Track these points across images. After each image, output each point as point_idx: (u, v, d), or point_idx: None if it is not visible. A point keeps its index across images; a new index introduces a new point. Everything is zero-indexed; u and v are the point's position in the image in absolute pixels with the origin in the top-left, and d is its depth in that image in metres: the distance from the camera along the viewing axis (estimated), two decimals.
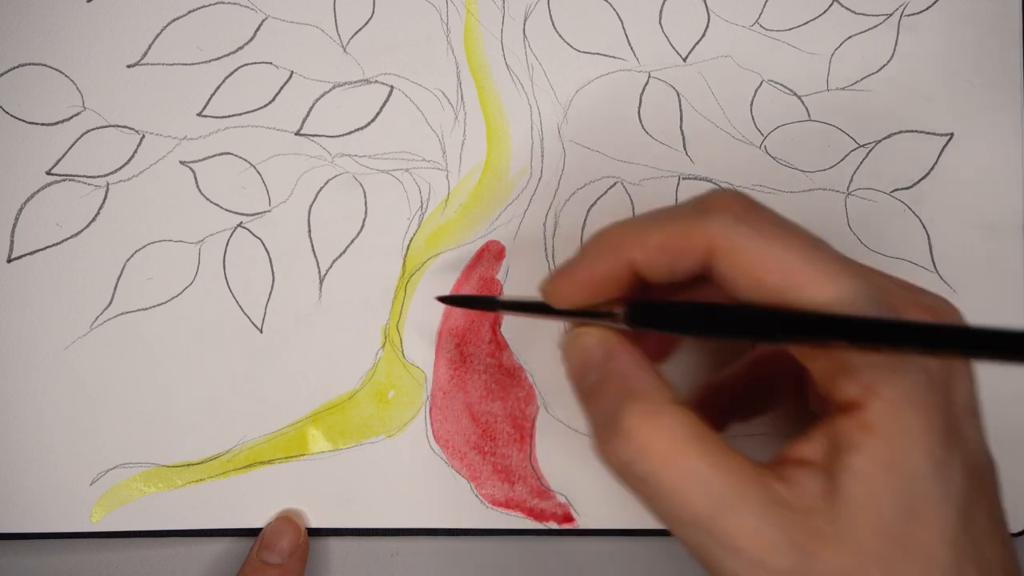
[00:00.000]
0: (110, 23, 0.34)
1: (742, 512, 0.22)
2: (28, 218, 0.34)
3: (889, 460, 0.22)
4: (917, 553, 0.22)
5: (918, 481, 0.22)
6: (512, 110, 0.35)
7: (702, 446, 0.22)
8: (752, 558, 0.22)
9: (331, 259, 0.34)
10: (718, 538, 0.22)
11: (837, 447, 0.22)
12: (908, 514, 0.22)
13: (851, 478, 0.22)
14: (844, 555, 0.22)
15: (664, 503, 0.23)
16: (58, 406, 0.34)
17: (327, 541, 0.35)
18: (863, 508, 0.22)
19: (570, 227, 0.35)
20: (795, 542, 0.22)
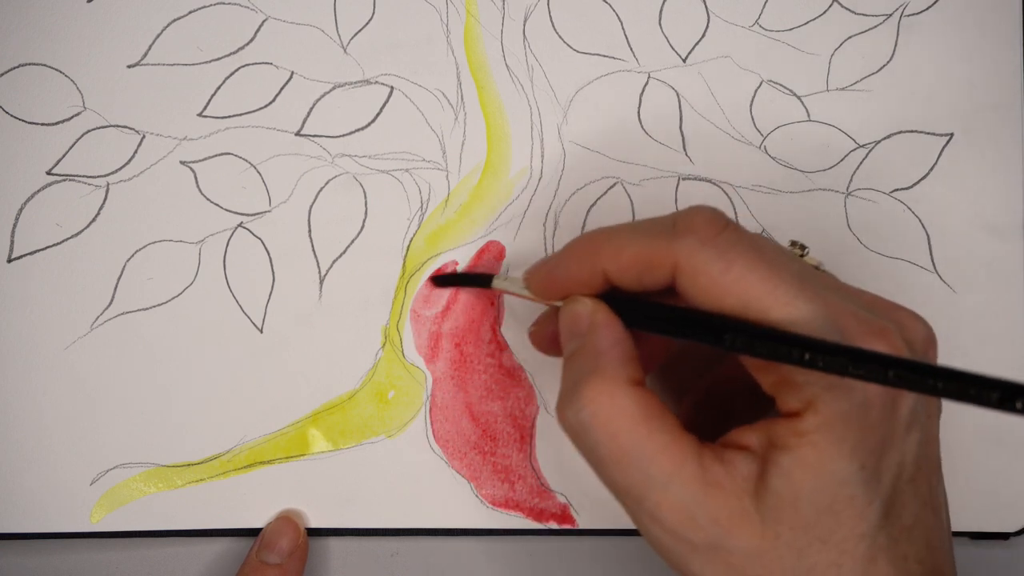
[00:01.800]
0: (110, 23, 0.34)
1: (671, 489, 0.24)
2: (28, 218, 0.34)
3: (815, 465, 0.23)
4: (832, 544, 0.24)
5: (842, 487, 0.23)
6: (512, 110, 0.35)
7: (648, 426, 0.24)
8: (672, 528, 0.24)
9: (331, 259, 0.34)
10: (645, 507, 0.24)
11: (772, 444, 0.24)
12: (827, 513, 0.24)
13: (778, 473, 0.24)
14: (760, 538, 0.24)
15: (604, 472, 0.25)
16: (58, 406, 0.34)
17: (327, 541, 0.35)
18: (784, 501, 0.24)
19: (570, 227, 0.35)
20: (716, 519, 0.24)
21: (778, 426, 0.24)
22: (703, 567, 0.24)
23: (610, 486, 0.25)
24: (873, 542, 0.24)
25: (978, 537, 0.35)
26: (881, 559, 0.24)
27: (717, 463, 0.24)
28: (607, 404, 0.25)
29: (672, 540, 0.24)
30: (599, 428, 0.25)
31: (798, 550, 0.24)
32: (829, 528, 0.24)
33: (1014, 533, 0.35)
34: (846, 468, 0.23)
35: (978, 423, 0.34)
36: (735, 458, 0.24)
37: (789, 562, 0.24)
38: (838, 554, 0.24)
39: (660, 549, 0.25)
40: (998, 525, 0.34)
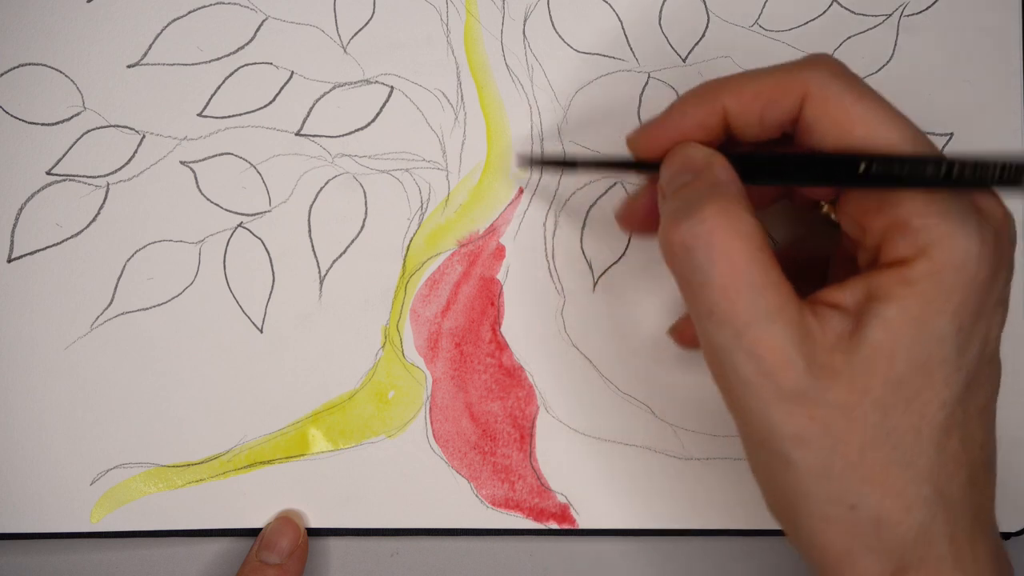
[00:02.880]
0: (110, 23, 0.34)
1: (774, 326, 0.23)
2: (28, 218, 0.34)
3: (919, 316, 0.23)
4: (915, 407, 0.23)
5: (939, 345, 0.23)
6: (512, 110, 0.35)
7: (762, 258, 0.24)
8: (767, 369, 0.23)
9: (331, 259, 0.34)
10: (744, 342, 0.23)
11: (871, 297, 0.24)
12: (920, 371, 0.23)
13: (878, 325, 0.23)
14: (848, 392, 0.23)
15: (708, 294, 0.24)
16: (58, 406, 0.34)
17: (327, 541, 0.35)
18: (880, 354, 0.23)
19: (570, 227, 0.35)
20: (810, 367, 0.23)
21: (881, 276, 0.24)
22: (784, 418, 0.24)
23: (705, 314, 0.24)
24: (951, 413, 0.24)
25: None
26: (954, 434, 0.24)
27: (812, 316, 0.24)
28: (726, 225, 0.24)
29: (762, 382, 0.23)
30: (716, 247, 0.24)
31: (884, 409, 0.23)
32: (917, 389, 0.23)
33: (1014, 533, 0.35)
34: (947, 326, 0.23)
35: None
36: (827, 314, 0.24)
37: (872, 420, 0.23)
38: (919, 419, 0.23)
39: (743, 392, 0.24)
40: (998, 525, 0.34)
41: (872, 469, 0.23)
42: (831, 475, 0.24)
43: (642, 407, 0.35)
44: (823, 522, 0.24)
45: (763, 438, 0.24)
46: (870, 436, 0.23)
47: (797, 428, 0.23)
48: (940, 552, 0.24)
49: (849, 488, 0.24)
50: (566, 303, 0.35)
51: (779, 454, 0.24)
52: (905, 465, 0.24)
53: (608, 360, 0.35)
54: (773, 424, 0.24)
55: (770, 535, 0.35)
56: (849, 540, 0.24)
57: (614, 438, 0.34)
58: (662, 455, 0.34)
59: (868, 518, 0.24)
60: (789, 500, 0.25)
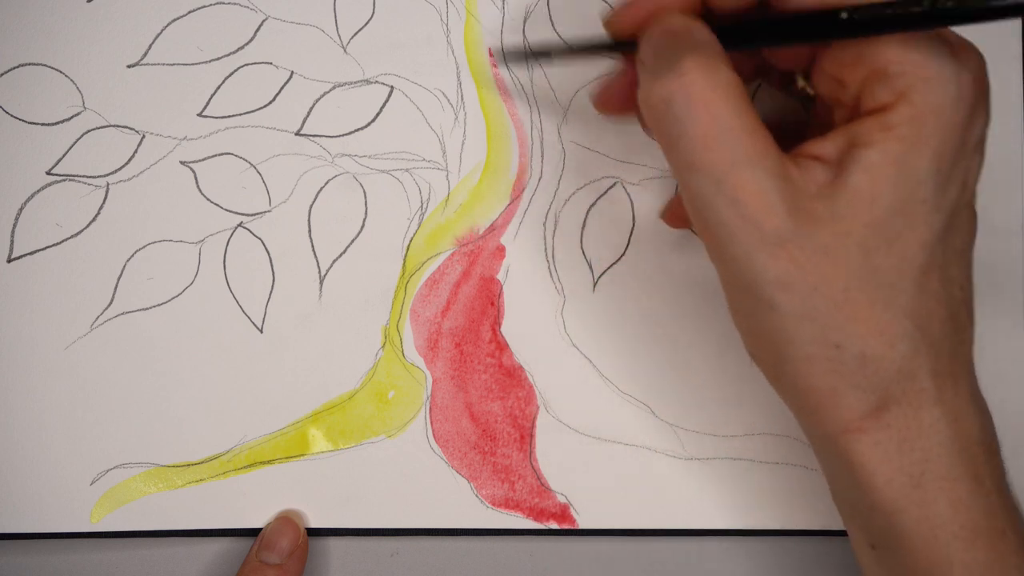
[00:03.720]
0: (110, 23, 0.34)
1: (755, 171, 0.24)
2: (28, 218, 0.34)
3: (899, 159, 0.24)
4: (896, 248, 0.24)
5: (919, 186, 0.24)
6: (512, 110, 0.35)
7: (740, 106, 0.24)
8: (749, 214, 0.24)
9: (331, 259, 0.34)
10: (725, 188, 0.24)
11: (853, 144, 0.24)
12: (901, 213, 0.24)
13: (859, 170, 0.24)
14: (830, 236, 0.24)
15: (687, 144, 0.24)
16: (58, 406, 0.34)
17: (327, 541, 0.35)
18: (862, 198, 0.24)
19: (570, 227, 0.35)
20: (791, 212, 0.24)
21: (862, 124, 0.24)
22: (767, 261, 0.24)
23: (686, 165, 0.24)
24: (931, 254, 0.24)
25: None
26: (934, 274, 0.24)
27: (793, 165, 0.24)
28: (704, 76, 0.24)
29: (744, 227, 0.24)
30: (694, 98, 0.24)
31: (866, 251, 0.24)
32: (898, 230, 0.24)
33: None
34: (926, 168, 0.24)
35: None
36: (809, 165, 0.24)
37: (855, 262, 0.24)
38: (900, 259, 0.24)
39: (726, 239, 0.24)
40: None
41: (856, 308, 0.24)
42: (815, 316, 0.24)
43: (642, 407, 0.35)
44: (808, 363, 0.25)
45: (746, 284, 0.25)
46: (853, 277, 0.24)
47: (780, 272, 0.24)
48: (922, 386, 0.25)
49: (833, 328, 0.24)
50: (566, 303, 0.35)
51: (763, 299, 0.24)
52: (887, 303, 0.24)
53: (608, 360, 0.35)
54: (756, 269, 0.24)
55: (770, 535, 0.35)
56: (834, 379, 0.24)
57: (614, 438, 0.35)
58: (662, 455, 0.34)
59: (852, 356, 0.24)
60: (773, 344, 0.25)
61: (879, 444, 0.25)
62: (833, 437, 0.25)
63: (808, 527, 0.34)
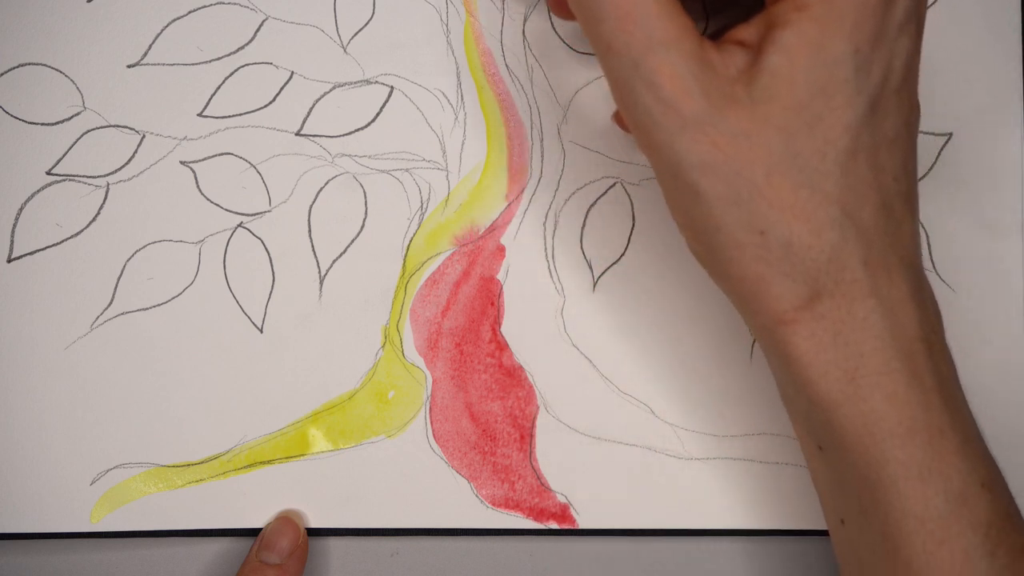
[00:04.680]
0: (110, 23, 0.34)
1: (671, 55, 0.23)
2: (28, 218, 0.34)
3: (814, 39, 0.23)
4: (818, 131, 0.24)
5: (837, 67, 0.23)
6: (512, 110, 0.35)
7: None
8: (666, 96, 0.23)
9: (331, 259, 0.34)
10: (642, 71, 0.24)
11: (770, 26, 0.24)
12: (820, 94, 0.24)
13: (775, 51, 0.24)
14: (750, 120, 0.24)
15: (605, 28, 0.24)
16: (58, 406, 0.34)
17: (327, 541, 0.35)
18: (779, 79, 0.23)
19: (570, 227, 0.35)
20: (709, 95, 0.23)
21: (778, 6, 0.24)
22: (689, 146, 0.24)
23: (606, 48, 0.24)
24: (856, 137, 0.24)
25: None
26: (861, 158, 0.24)
27: (713, 50, 0.24)
28: None
29: (662, 111, 0.24)
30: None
31: (787, 134, 0.24)
32: (818, 113, 0.24)
33: None
34: (843, 47, 0.23)
35: (977, 423, 0.34)
36: (731, 49, 0.24)
37: (776, 145, 0.24)
38: (823, 143, 0.24)
39: (647, 124, 0.24)
40: None
41: (779, 193, 0.24)
42: (739, 201, 0.24)
43: (642, 407, 0.35)
44: (736, 249, 0.24)
45: (672, 170, 0.24)
46: (775, 161, 0.24)
47: (701, 156, 0.24)
48: (855, 276, 0.24)
49: (757, 213, 0.24)
50: (566, 303, 0.35)
51: (688, 184, 0.24)
52: (812, 188, 0.24)
53: (608, 360, 0.35)
54: (679, 153, 0.24)
55: (770, 535, 0.35)
56: (762, 266, 0.24)
57: (614, 438, 0.35)
58: (662, 455, 0.35)
59: (778, 242, 0.24)
60: (703, 231, 0.25)
61: (813, 336, 0.24)
62: (769, 329, 0.25)
63: (808, 527, 0.34)
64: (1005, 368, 0.35)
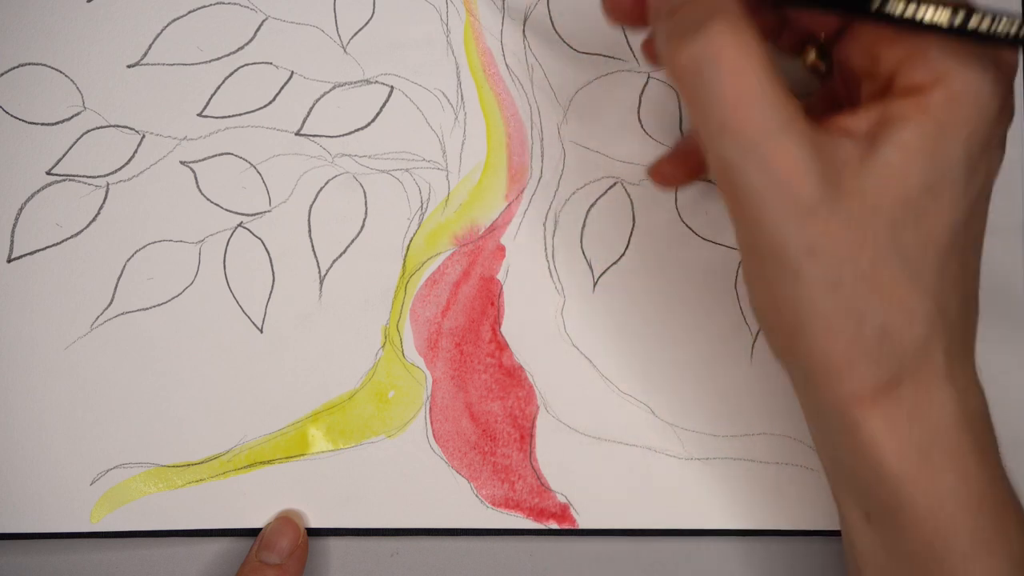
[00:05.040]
0: (110, 23, 0.34)
1: (789, 138, 0.23)
2: (28, 218, 0.34)
3: (933, 139, 0.24)
4: (924, 226, 0.24)
5: (950, 168, 0.24)
6: (512, 110, 0.35)
7: (772, 74, 0.24)
8: (781, 180, 0.23)
9: (331, 259, 0.34)
10: (757, 154, 0.23)
11: (886, 121, 0.24)
12: (930, 192, 0.24)
13: (892, 146, 0.24)
14: (861, 208, 0.24)
15: (719, 111, 0.24)
16: (58, 406, 0.34)
17: (327, 541, 0.35)
18: (893, 173, 0.24)
19: (570, 227, 0.35)
20: (823, 181, 0.24)
21: (897, 103, 0.24)
22: (798, 229, 0.24)
23: (717, 131, 0.24)
24: (955, 237, 0.25)
25: None
26: (955, 258, 0.25)
27: (825, 135, 0.24)
28: (734, 41, 0.23)
29: (776, 194, 0.24)
30: (724, 63, 0.23)
31: (894, 226, 0.24)
32: (925, 209, 0.24)
33: None
34: (958, 151, 0.24)
35: None
36: (839, 139, 0.24)
37: (883, 236, 0.24)
38: (926, 237, 0.24)
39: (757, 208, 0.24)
40: None
41: (881, 282, 0.24)
42: (841, 287, 0.24)
43: (642, 407, 0.35)
44: (828, 332, 0.25)
45: (773, 251, 0.24)
46: (881, 250, 0.24)
47: (810, 240, 0.24)
48: (936, 364, 0.25)
49: (858, 299, 0.24)
50: (566, 303, 0.35)
51: (789, 266, 0.24)
52: (912, 280, 0.24)
53: (608, 360, 0.35)
54: (786, 236, 0.24)
55: (770, 535, 0.35)
56: (852, 349, 0.25)
57: (614, 438, 0.35)
58: (662, 455, 0.35)
59: (874, 328, 0.24)
60: (793, 313, 0.25)
61: (887, 417, 0.25)
62: (841, 408, 0.25)
63: (808, 527, 0.34)
64: (1005, 368, 0.35)
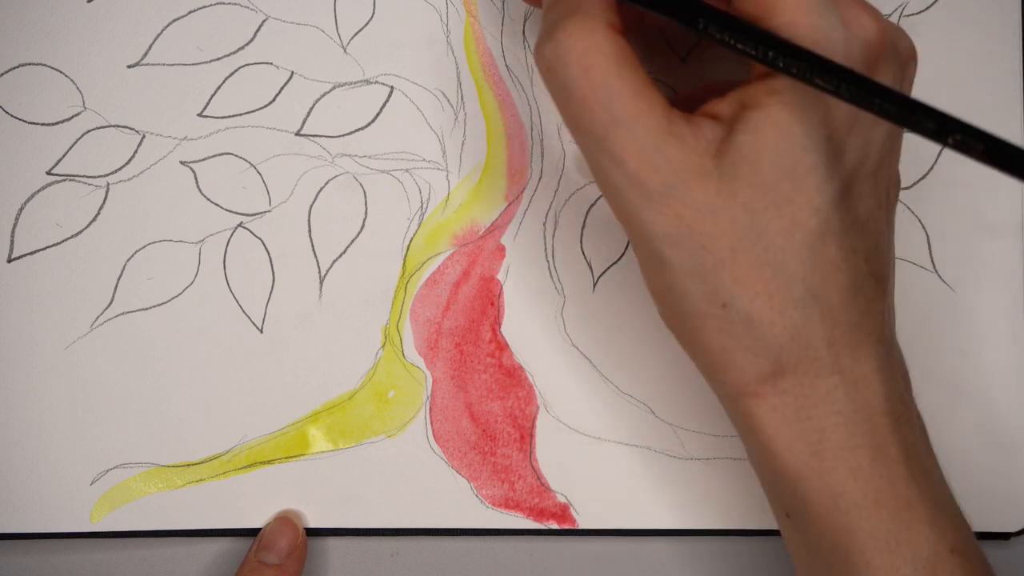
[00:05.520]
0: (110, 23, 0.34)
1: (633, 131, 0.24)
2: (28, 218, 0.34)
3: (782, 124, 0.24)
4: (786, 212, 0.24)
5: (806, 152, 0.24)
6: (512, 110, 0.35)
7: (621, 69, 0.24)
8: (631, 171, 0.24)
9: (331, 259, 0.34)
10: (607, 149, 0.24)
11: (744, 105, 0.24)
12: (787, 176, 0.24)
13: (745, 131, 0.24)
14: (716, 194, 0.24)
15: (571, 108, 0.25)
16: (58, 406, 0.34)
17: (327, 541, 0.35)
18: (747, 159, 0.24)
19: (570, 227, 0.35)
20: (674, 169, 0.24)
21: (752, 87, 0.24)
22: (655, 217, 0.24)
23: (575, 126, 0.25)
24: (826, 220, 0.24)
25: (978, 537, 0.35)
26: (831, 241, 0.24)
27: (683, 122, 0.24)
28: (584, 40, 0.24)
29: (628, 185, 0.24)
30: (573, 63, 0.24)
31: (752, 212, 0.24)
32: (786, 194, 0.24)
33: (1014, 533, 0.35)
34: (813, 134, 0.24)
35: (977, 423, 0.34)
36: (702, 122, 0.24)
37: (742, 223, 0.24)
38: (791, 223, 0.24)
39: (616, 197, 0.25)
40: (998, 525, 0.34)
41: (742, 269, 0.24)
42: (703, 274, 0.24)
43: (642, 407, 0.35)
44: (700, 320, 0.25)
45: (641, 239, 0.25)
46: (740, 237, 0.24)
47: (666, 227, 0.24)
48: (817, 354, 0.25)
49: (720, 286, 0.24)
50: (566, 303, 0.35)
51: (655, 254, 0.25)
52: (777, 267, 0.24)
53: (608, 360, 0.35)
54: (645, 224, 0.24)
55: (770, 535, 0.35)
56: (724, 338, 0.25)
57: (614, 438, 0.35)
58: (662, 455, 0.35)
59: (740, 316, 0.24)
60: (670, 300, 0.25)
61: (776, 410, 0.25)
62: (733, 398, 0.26)
63: None
64: (1005, 368, 0.35)
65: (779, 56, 0.23)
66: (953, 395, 0.34)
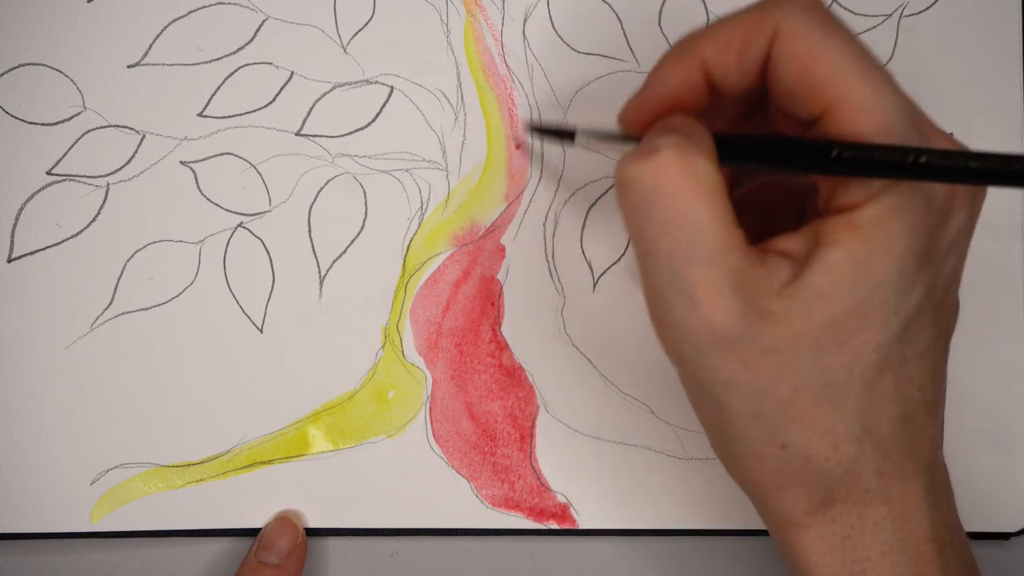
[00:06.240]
0: (110, 23, 0.34)
1: (712, 268, 0.23)
2: (28, 218, 0.34)
3: (861, 260, 0.23)
4: (848, 348, 0.23)
5: (878, 288, 0.23)
6: (512, 110, 0.35)
7: (712, 200, 0.23)
8: (702, 312, 0.23)
9: (331, 259, 0.34)
10: (681, 283, 0.23)
11: (818, 242, 0.23)
12: (857, 313, 0.23)
13: (820, 269, 0.23)
14: (784, 336, 0.23)
15: (651, 230, 0.23)
16: (58, 406, 0.34)
17: (327, 541, 0.35)
18: (819, 297, 0.23)
19: (570, 227, 0.35)
20: (746, 314, 0.23)
21: (829, 222, 0.24)
22: (717, 362, 0.23)
23: (647, 250, 0.24)
24: (886, 355, 0.24)
25: (978, 537, 0.35)
26: (888, 375, 0.24)
27: (758, 264, 0.24)
28: (681, 164, 0.23)
29: (696, 326, 0.23)
30: (664, 184, 0.23)
31: (817, 351, 0.23)
32: (851, 331, 0.23)
33: (1014, 533, 0.35)
34: (889, 270, 0.23)
35: (977, 423, 0.34)
36: (775, 262, 0.24)
37: (805, 362, 0.23)
38: (851, 359, 0.24)
39: (677, 336, 0.24)
40: (998, 525, 0.34)
41: (802, 409, 0.24)
42: (763, 417, 0.24)
43: (642, 407, 0.35)
44: (757, 460, 0.25)
45: (698, 381, 0.25)
46: (802, 377, 0.24)
47: (729, 373, 0.24)
48: (867, 485, 0.25)
49: (779, 428, 0.24)
50: (566, 303, 0.35)
51: (712, 397, 0.24)
52: (834, 404, 0.24)
53: (608, 360, 0.35)
54: (706, 369, 0.24)
55: None
56: (780, 476, 0.25)
57: (614, 438, 0.35)
58: (662, 455, 0.35)
59: (798, 456, 0.24)
60: (725, 439, 0.25)
61: (822, 539, 0.25)
62: (780, 529, 0.26)
63: None
64: (1005, 368, 0.35)
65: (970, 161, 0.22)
66: (953, 395, 0.34)
